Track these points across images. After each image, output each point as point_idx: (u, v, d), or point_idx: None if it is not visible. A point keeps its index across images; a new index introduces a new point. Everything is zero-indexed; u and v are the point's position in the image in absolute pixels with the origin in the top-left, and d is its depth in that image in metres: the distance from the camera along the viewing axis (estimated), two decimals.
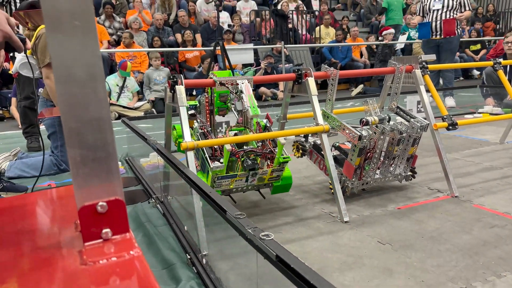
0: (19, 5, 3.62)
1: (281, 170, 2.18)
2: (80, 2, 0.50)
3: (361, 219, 2.18)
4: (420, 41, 7.23)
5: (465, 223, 2.08)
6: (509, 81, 3.18)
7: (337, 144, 2.53)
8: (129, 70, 6.47)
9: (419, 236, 1.96)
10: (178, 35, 8.21)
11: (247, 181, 2.14)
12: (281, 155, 2.11)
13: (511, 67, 5.29)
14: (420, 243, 1.89)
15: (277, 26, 9.47)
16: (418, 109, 4.64)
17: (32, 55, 3.03)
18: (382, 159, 2.42)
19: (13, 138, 4.77)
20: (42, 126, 4.56)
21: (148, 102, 6.69)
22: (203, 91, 2.39)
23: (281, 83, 7.36)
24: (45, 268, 0.52)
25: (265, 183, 2.22)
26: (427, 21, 5.85)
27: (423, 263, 1.72)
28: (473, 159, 3.25)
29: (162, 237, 2.00)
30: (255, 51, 8.31)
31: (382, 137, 2.30)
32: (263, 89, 7.76)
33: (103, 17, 8.08)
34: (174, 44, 8.13)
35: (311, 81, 2.34)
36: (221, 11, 8.72)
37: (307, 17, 10.03)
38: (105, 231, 0.55)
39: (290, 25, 9.61)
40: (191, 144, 1.89)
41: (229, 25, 8.82)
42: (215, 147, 2.14)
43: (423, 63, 2.64)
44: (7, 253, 0.58)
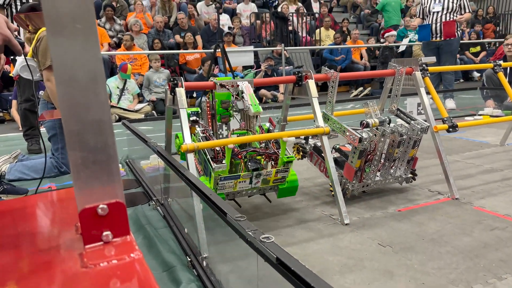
0: (20, 7, 3.62)
1: (286, 171, 2.13)
2: (81, 5, 0.51)
3: (361, 221, 2.18)
4: (420, 43, 7.24)
5: (465, 225, 2.08)
6: (509, 83, 3.18)
7: (338, 146, 2.53)
8: (129, 72, 6.48)
9: (419, 238, 1.96)
10: (177, 36, 8.23)
11: (251, 183, 2.09)
12: (285, 155, 2.08)
13: (511, 69, 5.29)
14: (420, 245, 1.89)
15: (277, 28, 9.49)
16: (418, 111, 4.64)
17: (32, 57, 3.04)
18: (382, 161, 2.42)
19: (14, 140, 4.77)
20: (42, 128, 4.57)
21: (148, 104, 6.69)
22: (203, 93, 2.39)
23: (282, 85, 7.36)
24: (46, 271, 0.52)
25: (270, 185, 2.18)
26: (427, 23, 5.85)
27: (424, 265, 1.71)
28: (474, 161, 3.25)
29: (162, 239, 2.00)
30: (256, 54, 8.32)
31: (382, 139, 2.30)
32: (263, 91, 7.76)
33: (103, 19, 8.09)
34: (174, 46, 8.14)
35: (311, 83, 2.34)
36: (221, 14, 8.71)
37: (307, 19, 10.05)
38: (105, 233, 0.55)
39: (290, 28, 9.63)
40: (191, 145, 1.88)
41: (230, 28, 8.83)
42: (217, 149, 2.12)
43: (423, 65, 2.65)
44: (7, 256, 0.58)
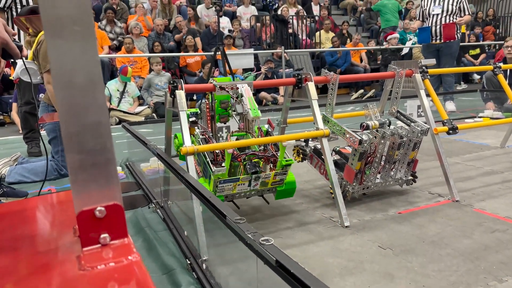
0: (20, 10, 3.63)
1: (284, 173, 2.15)
2: (79, 7, 0.51)
3: (361, 223, 2.18)
4: (420, 46, 7.24)
5: (466, 228, 2.07)
6: (509, 85, 3.18)
7: (338, 148, 2.52)
8: (129, 75, 6.48)
9: (420, 240, 1.96)
10: (177, 36, 8.24)
11: (250, 186, 2.11)
12: (284, 158, 2.09)
13: (511, 71, 5.29)
14: (421, 248, 1.88)
15: (277, 31, 9.50)
16: (418, 114, 4.64)
17: (33, 60, 3.04)
18: (382, 163, 2.42)
19: (14, 143, 4.77)
20: (43, 131, 4.57)
21: (148, 106, 6.70)
22: (203, 96, 2.39)
23: (282, 88, 7.37)
24: (43, 273, 0.51)
25: (269, 187, 2.19)
26: (427, 25, 5.86)
27: (424, 268, 1.71)
28: (474, 164, 3.24)
29: (162, 242, 1.99)
30: (256, 56, 8.33)
31: (382, 142, 2.30)
32: (263, 94, 7.77)
33: (104, 22, 8.11)
34: (174, 49, 8.16)
35: (311, 86, 2.34)
36: (221, 17, 8.73)
37: (307, 22, 10.06)
38: (103, 236, 0.55)
39: (290, 30, 9.64)
40: (191, 148, 1.88)
41: (230, 30, 8.84)
42: (217, 152, 2.13)
43: (423, 68, 2.65)
44: (5, 259, 0.58)
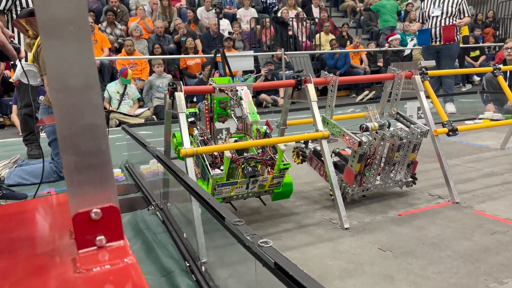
0: (19, 12, 3.63)
1: (282, 176, 2.17)
2: (74, 8, 0.50)
3: (361, 225, 2.17)
4: (420, 48, 7.24)
5: (466, 230, 2.07)
6: (509, 87, 3.18)
7: (337, 150, 2.52)
8: (130, 77, 6.49)
9: (420, 242, 1.95)
10: (176, 37, 8.25)
11: (247, 188, 2.13)
12: (282, 162, 2.10)
13: (511, 73, 5.29)
14: (421, 250, 1.87)
15: (277, 33, 9.51)
16: (418, 115, 4.64)
17: (33, 62, 3.05)
18: (382, 165, 2.41)
19: (14, 145, 4.77)
20: (43, 133, 4.57)
21: (148, 109, 6.70)
22: (203, 98, 2.39)
23: (282, 90, 7.37)
24: (38, 276, 0.51)
25: (266, 190, 2.21)
26: (427, 27, 5.86)
27: (424, 270, 1.70)
28: (474, 165, 3.24)
29: (161, 244, 1.99)
30: (256, 58, 8.33)
31: (382, 143, 2.30)
32: (263, 96, 7.77)
33: (104, 24, 8.13)
34: (174, 51, 8.17)
35: (311, 87, 2.34)
36: (221, 19, 8.74)
37: (307, 24, 10.07)
38: (99, 238, 0.55)
39: (290, 32, 9.65)
40: (190, 150, 1.88)
41: (230, 33, 8.86)
42: (215, 154, 2.14)
43: (423, 69, 2.65)
44: (1, 261, 0.57)
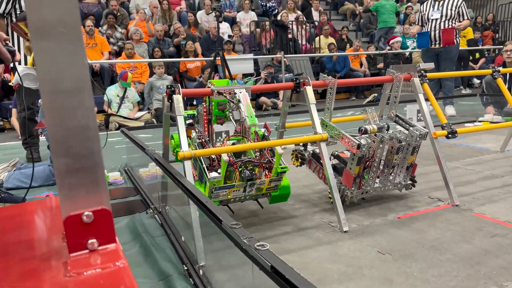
0: (18, 16, 3.64)
1: (279, 180, 2.17)
2: (65, 9, 0.50)
3: (360, 228, 2.16)
4: (419, 50, 7.25)
5: (466, 232, 2.06)
6: (508, 90, 3.17)
7: (336, 153, 2.51)
8: (129, 80, 6.50)
9: (419, 245, 1.94)
10: (176, 40, 8.26)
11: (245, 191, 2.12)
12: (279, 165, 2.10)
13: (510, 75, 5.29)
14: (420, 253, 1.86)
15: (277, 36, 9.52)
16: (418, 118, 4.63)
17: (33, 66, 3.05)
18: (381, 168, 2.40)
19: (14, 149, 4.76)
20: (42, 137, 4.57)
21: (149, 112, 6.70)
22: (202, 101, 2.39)
23: (281, 93, 7.37)
24: (27, 280, 0.50)
25: (263, 193, 2.21)
26: (426, 30, 5.87)
27: (424, 273, 1.69)
28: (474, 168, 3.23)
29: (159, 248, 1.98)
30: (255, 61, 8.34)
31: (381, 146, 2.29)
32: (263, 99, 7.77)
33: (105, 27, 8.15)
34: (174, 55, 8.18)
35: (309, 90, 2.33)
36: (221, 22, 8.76)
37: (307, 27, 10.09)
38: (91, 241, 0.54)
39: (290, 35, 9.66)
40: (188, 153, 1.88)
41: (229, 36, 8.87)
42: (213, 157, 2.13)
43: (422, 72, 2.64)
44: None
